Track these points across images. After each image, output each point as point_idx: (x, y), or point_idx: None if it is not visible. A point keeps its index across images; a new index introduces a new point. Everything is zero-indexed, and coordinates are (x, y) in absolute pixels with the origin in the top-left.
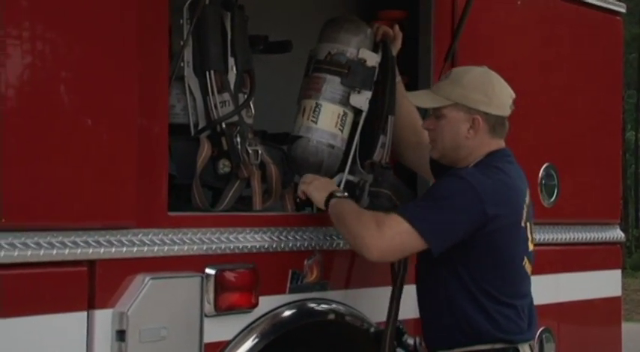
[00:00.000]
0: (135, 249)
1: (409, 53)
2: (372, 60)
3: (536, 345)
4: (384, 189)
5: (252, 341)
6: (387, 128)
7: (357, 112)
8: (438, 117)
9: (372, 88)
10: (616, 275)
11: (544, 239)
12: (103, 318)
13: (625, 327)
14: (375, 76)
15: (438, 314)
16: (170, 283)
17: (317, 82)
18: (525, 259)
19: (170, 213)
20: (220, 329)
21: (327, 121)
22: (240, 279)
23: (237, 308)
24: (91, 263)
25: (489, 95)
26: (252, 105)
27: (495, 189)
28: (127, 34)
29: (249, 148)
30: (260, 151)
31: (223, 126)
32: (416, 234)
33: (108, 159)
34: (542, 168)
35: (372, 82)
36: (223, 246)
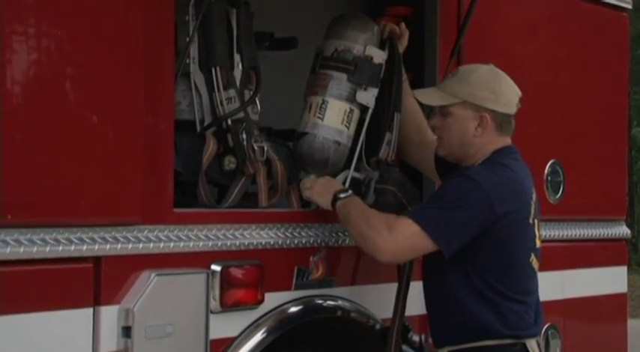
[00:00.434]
0: (141, 245)
1: (415, 49)
2: (378, 57)
3: (542, 341)
4: (389, 186)
5: (257, 337)
6: (393, 125)
7: (364, 109)
8: (445, 115)
9: (379, 85)
10: (622, 271)
11: (550, 235)
12: (109, 315)
13: (631, 324)
14: (381, 73)
15: (446, 311)
16: (176, 279)
17: (324, 79)
18: (533, 256)
19: (176, 210)
20: (226, 326)
21: (334, 118)
22: (245, 276)
23: (242, 304)
24: (96, 259)
25: (497, 93)
26: (258, 102)
27: (503, 186)
28: (133, 30)
29: (255, 145)
30: (266, 148)
31: (229, 122)
32: (427, 237)
33: (113, 156)
34: (547, 165)
35: (379, 79)
36: (229, 243)
